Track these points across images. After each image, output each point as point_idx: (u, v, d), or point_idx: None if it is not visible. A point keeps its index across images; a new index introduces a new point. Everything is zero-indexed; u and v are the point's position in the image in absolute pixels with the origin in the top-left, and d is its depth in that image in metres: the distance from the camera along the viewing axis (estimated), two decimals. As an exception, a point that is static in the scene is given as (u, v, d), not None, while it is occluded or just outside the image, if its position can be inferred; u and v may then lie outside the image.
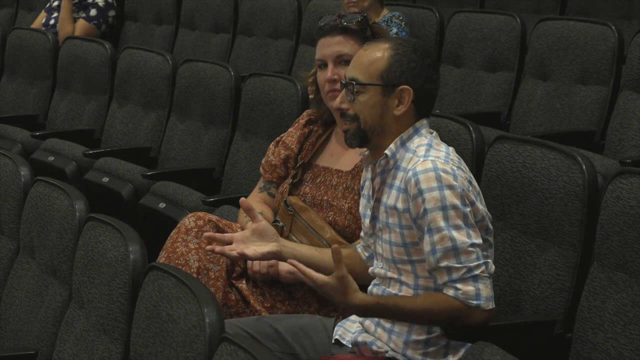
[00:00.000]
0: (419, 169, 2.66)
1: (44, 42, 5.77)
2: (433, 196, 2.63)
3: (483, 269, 2.66)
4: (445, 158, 2.70)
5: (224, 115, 4.53)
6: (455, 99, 5.04)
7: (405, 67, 2.74)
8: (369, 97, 2.75)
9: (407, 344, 2.75)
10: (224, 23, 6.26)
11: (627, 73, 4.31)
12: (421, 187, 2.65)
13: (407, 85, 2.74)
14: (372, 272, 2.85)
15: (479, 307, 2.65)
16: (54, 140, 4.98)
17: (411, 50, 2.76)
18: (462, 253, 2.64)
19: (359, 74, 2.76)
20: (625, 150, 4.14)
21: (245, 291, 3.16)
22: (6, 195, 3.36)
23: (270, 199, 3.42)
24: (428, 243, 2.66)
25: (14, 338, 3.15)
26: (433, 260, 2.66)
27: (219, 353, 2.22)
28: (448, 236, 2.64)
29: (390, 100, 2.75)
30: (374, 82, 2.74)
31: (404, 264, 2.74)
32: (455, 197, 2.64)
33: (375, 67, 2.75)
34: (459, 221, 2.65)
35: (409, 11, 5.34)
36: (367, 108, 2.74)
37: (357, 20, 3.22)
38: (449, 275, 2.65)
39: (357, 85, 2.74)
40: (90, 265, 2.81)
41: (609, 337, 2.71)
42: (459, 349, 2.75)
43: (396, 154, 2.75)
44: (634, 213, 2.71)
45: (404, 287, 2.75)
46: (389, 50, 2.75)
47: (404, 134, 2.76)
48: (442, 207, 2.64)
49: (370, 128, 2.75)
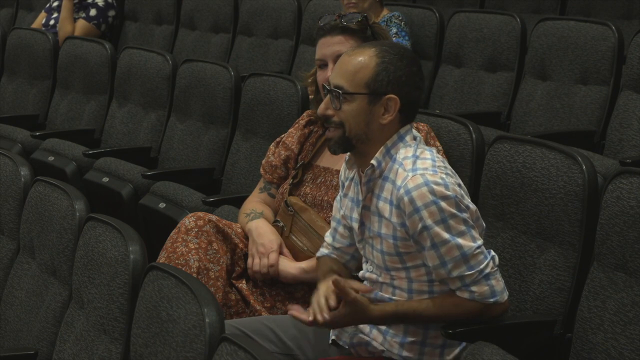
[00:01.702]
0: (410, 185, 2.63)
1: (44, 42, 5.77)
2: (431, 211, 2.61)
3: (491, 264, 2.68)
4: (433, 168, 2.67)
5: (224, 115, 4.53)
6: (455, 99, 5.03)
7: (392, 76, 2.69)
8: (355, 105, 2.70)
9: (402, 345, 2.76)
10: (224, 23, 6.26)
11: (627, 73, 4.31)
12: (416, 204, 2.62)
13: (393, 94, 2.69)
14: (363, 276, 2.84)
15: (497, 302, 2.68)
16: (54, 140, 4.98)
17: (397, 58, 2.71)
18: (471, 258, 2.65)
19: (344, 82, 2.70)
20: (625, 150, 4.14)
21: (245, 291, 3.16)
22: (6, 195, 3.36)
23: (270, 199, 3.42)
24: (435, 257, 2.64)
25: (14, 338, 3.15)
26: (444, 272, 2.65)
27: (219, 353, 2.22)
28: (455, 245, 2.63)
29: (377, 108, 2.70)
30: (360, 91, 2.69)
31: (397, 271, 2.74)
32: (451, 206, 2.63)
33: (362, 76, 2.69)
34: (462, 227, 2.64)
35: (409, 11, 5.34)
36: (353, 116, 2.70)
37: (357, 20, 3.22)
38: (462, 281, 2.66)
39: (343, 94, 2.70)
40: (90, 265, 2.81)
41: (609, 337, 2.71)
42: (455, 348, 2.76)
43: (382, 162, 2.72)
44: (634, 213, 2.71)
45: (397, 291, 2.75)
46: (375, 58, 2.70)
47: (389, 141, 2.72)
48: (442, 219, 2.62)
49: (355, 136, 2.71)
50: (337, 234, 2.94)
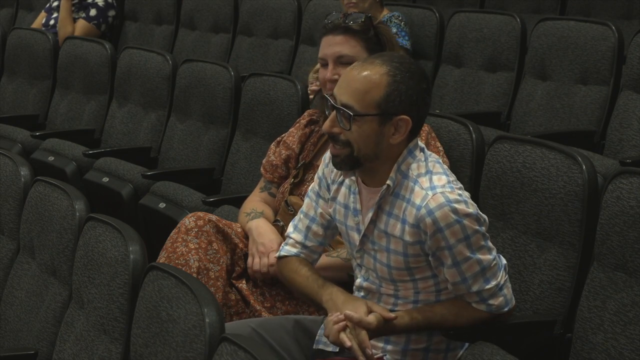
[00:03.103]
0: (432, 205, 2.58)
1: (44, 42, 5.77)
2: (454, 231, 2.59)
3: (504, 274, 2.69)
4: (449, 184, 2.63)
5: (224, 115, 4.53)
6: (455, 99, 5.03)
7: (404, 96, 2.60)
8: (365, 127, 2.60)
9: (405, 352, 2.75)
10: (224, 23, 6.26)
11: (627, 73, 4.31)
12: (439, 225, 2.58)
13: (405, 114, 2.61)
14: (360, 285, 2.80)
15: (509, 310, 2.71)
16: (54, 140, 4.98)
17: (409, 76, 2.61)
18: (488, 271, 2.65)
19: (353, 102, 2.60)
20: (625, 150, 4.14)
21: (245, 291, 3.16)
22: (6, 195, 3.36)
23: (271, 198, 3.42)
24: (456, 274, 2.63)
25: (14, 338, 3.15)
26: (464, 287, 2.65)
27: (219, 353, 2.22)
28: (476, 261, 2.62)
29: (387, 129, 2.62)
30: (370, 112, 2.59)
31: (404, 282, 2.72)
32: (473, 223, 2.61)
33: (372, 96, 2.59)
34: (481, 242, 2.63)
35: (409, 11, 5.34)
36: (363, 137, 2.61)
37: (361, 21, 3.21)
38: (479, 296, 2.67)
39: (354, 116, 2.60)
40: (90, 265, 2.81)
41: (609, 337, 2.71)
42: (458, 351, 2.75)
43: (395, 180, 2.66)
44: (634, 213, 2.71)
45: (400, 302, 2.73)
46: (386, 77, 2.60)
47: (400, 158, 2.66)
48: (465, 237, 2.60)
49: (364, 156, 2.63)
50: (309, 233, 2.88)
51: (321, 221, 2.87)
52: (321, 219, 2.87)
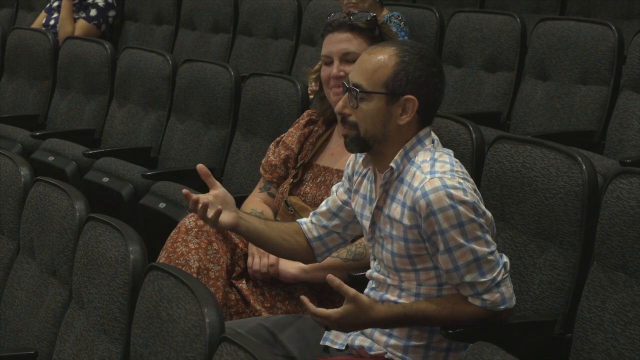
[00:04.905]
0: (428, 188, 2.59)
1: (44, 42, 5.77)
2: (447, 215, 2.59)
3: (503, 271, 2.67)
4: (451, 172, 2.64)
5: (224, 115, 4.53)
6: (455, 99, 5.03)
7: (411, 76, 2.64)
8: (372, 105, 2.65)
9: (406, 349, 2.75)
10: (224, 23, 6.26)
11: (627, 73, 4.31)
12: (433, 207, 2.58)
13: (412, 94, 2.64)
14: (370, 275, 2.82)
15: (506, 309, 2.69)
16: (54, 140, 4.98)
17: (417, 57, 2.65)
18: (483, 264, 2.63)
19: (362, 81, 2.65)
20: (625, 150, 4.14)
21: (245, 291, 3.16)
22: (6, 195, 3.36)
23: (270, 199, 3.42)
24: (449, 261, 2.63)
25: (14, 338, 3.15)
26: (457, 276, 2.64)
27: (219, 353, 2.22)
28: (469, 249, 2.61)
29: (394, 109, 2.65)
30: (377, 90, 2.64)
31: (407, 272, 2.72)
32: (469, 211, 2.60)
33: (380, 75, 2.64)
34: (478, 232, 2.62)
35: (409, 11, 5.34)
36: (370, 116, 2.65)
37: (366, 19, 3.22)
38: (474, 289, 2.66)
39: (360, 93, 2.65)
40: (90, 265, 2.81)
41: (609, 337, 2.71)
42: (460, 352, 2.74)
43: (400, 165, 2.68)
44: (634, 213, 2.71)
45: (404, 294, 2.73)
46: (394, 57, 2.64)
47: (407, 144, 2.68)
48: (459, 224, 2.60)
49: (372, 137, 2.67)
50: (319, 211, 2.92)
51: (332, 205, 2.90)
52: (332, 203, 2.90)
